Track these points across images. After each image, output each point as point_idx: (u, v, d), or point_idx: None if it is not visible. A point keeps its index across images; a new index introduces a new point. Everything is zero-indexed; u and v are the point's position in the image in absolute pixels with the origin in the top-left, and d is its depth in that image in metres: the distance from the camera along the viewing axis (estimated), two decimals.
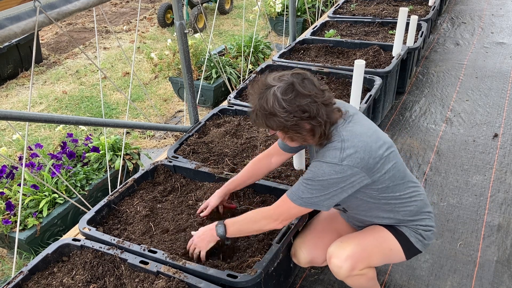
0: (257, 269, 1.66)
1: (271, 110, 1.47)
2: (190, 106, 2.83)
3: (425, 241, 1.76)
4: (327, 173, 1.51)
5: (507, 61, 4.55)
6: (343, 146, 1.51)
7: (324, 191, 1.54)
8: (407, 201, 1.69)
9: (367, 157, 1.51)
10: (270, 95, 1.47)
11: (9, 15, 1.73)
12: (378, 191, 1.61)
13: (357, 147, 1.51)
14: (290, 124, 1.48)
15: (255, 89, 1.53)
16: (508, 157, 3.10)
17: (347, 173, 1.50)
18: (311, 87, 1.48)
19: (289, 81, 1.48)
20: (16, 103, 4.77)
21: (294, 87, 1.46)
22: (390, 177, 1.60)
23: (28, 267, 1.81)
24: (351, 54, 3.69)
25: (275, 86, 1.47)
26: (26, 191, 2.61)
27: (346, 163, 1.49)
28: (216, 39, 6.25)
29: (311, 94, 1.46)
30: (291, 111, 1.45)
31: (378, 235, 1.75)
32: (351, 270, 1.69)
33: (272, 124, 1.50)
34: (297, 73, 1.51)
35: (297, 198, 1.58)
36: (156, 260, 1.76)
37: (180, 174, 2.39)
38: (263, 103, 1.48)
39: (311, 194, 1.55)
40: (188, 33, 2.58)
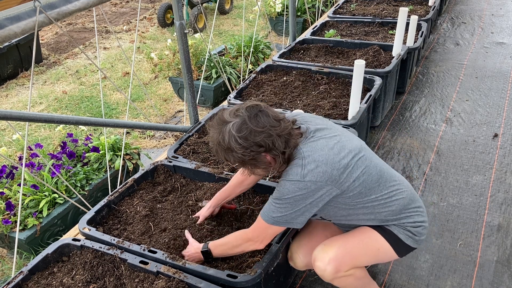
0: (257, 269, 1.66)
1: (228, 146, 1.50)
2: (190, 106, 2.83)
3: (416, 237, 1.73)
4: (292, 190, 1.53)
5: (507, 61, 4.55)
6: (304, 162, 1.53)
7: (293, 208, 1.56)
8: (386, 201, 1.67)
9: (329, 170, 1.53)
10: (226, 132, 1.50)
11: (9, 15, 1.73)
12: (351, 198, 1.61)
13: (318, 161, 1.53)
14: (248, 159, 1.52)
15: (213, 124, 1.57)
16: (508, 157, 3.10)
17: (311, 188, 1.52)
18: (265, 120, 1.50)
19: (242, 117, 1.50)
20: (16, 103, 4.77)
21: (247, 123, 1.48)
22: (361, 183, 1.59)
23: (28, 267, 1.81)
24: (351, 54, 3.69)
25: (230, 122, 1.50)
26: (26, 191, 2.61)
27: (308, 179, 1.51)
28: (216, 39, 6.25)
29: (264, 129, 1.48)
30: (247, 146, 1.48)
31: (364, 235, 1.74)
32: (335, 272, 1.69)
33: (231, 158, 1.54)
34: (251, 107, 1.53)
35: (269, 218, 1.60)
36: (156, 260, 1.76)
37: (180, 174, 2.39)
38: (220, 140, 1.52)
39: (281, 213, 1.57)
40: (188, 33, 2.58)
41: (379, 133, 3.49)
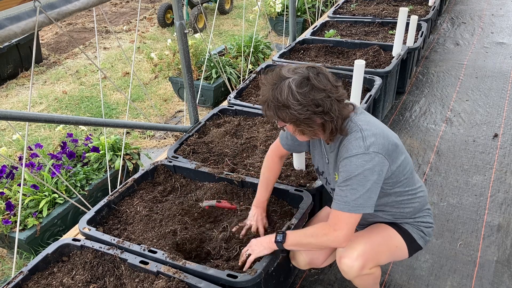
0: (257, 269, 1.66)
1: (284, 102, 1.45)
2: (190, 106, 2.83)
3: (426, 237, 1.78)
4: (360, 165, 1.49)
5: (507, 61, 4.55)
6: (364, 135, 1.52)
7: (364, 187, 1.50)
8: (413, 197, 1.70)
9: (386, 143, 1.53)
10: (285, 87, 1.45)
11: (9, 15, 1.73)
12: (392, 185, 1.62)
13: (376, 134, 1.52)
14: (302, 118, 1.46)
15: (268, 80, 1.51)
16: (508, 157, 3.10)
17: (376, 161, 1.50)
18: (325, 81, 1.47)
19: (304, 74, 1.46)
20: (16, 103, 4.77)
21: (310, 80, 1.45)
22: (402, 170, 1.61)
23: (28, 267, 1.81)
24: (351, 54, 3.69)
25: (290, 78, 1.46)
26: (26, 191, 2.61)
27: (372, 150, 1.50)
28: (216, 39, 6.25)
29: (325, 89, 1.46)
30: (305, 104, 1.44)
31: (385, 233, 1.76)
32: (361, 269, 1.68)
33: (284, 116, 1.49)
34: (312, 67, 1.50)
35: (343, 205, 1.53)
36: (156, 260, 1.76)
37: (180, 174, 2.39)
38: (276, 94, 1.46)
39: (354, 195, 1.51)
40: (188, 33, 2.58)
41: None
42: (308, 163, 2.35)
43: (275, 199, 2.12)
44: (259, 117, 2.86)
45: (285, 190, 2.09)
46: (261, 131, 2.69)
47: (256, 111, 2.88)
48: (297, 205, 2.01)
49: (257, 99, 3.10)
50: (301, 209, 1.96)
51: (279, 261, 1.80)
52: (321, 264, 1.93)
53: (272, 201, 2.11)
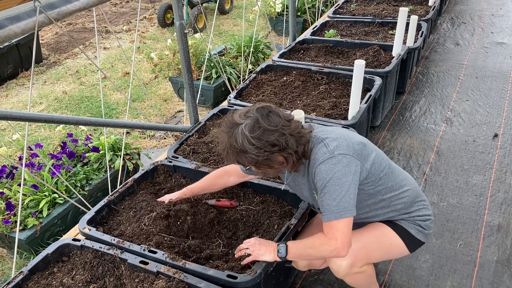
0: (256, 269, 1.66)
1: (241, 148, 1.49)
2: (190, 106, 2.83)
3: (426, 231, 1.77)
4: (329, 169, 1.52)
5: (507, 61, 4.55)
6: (326, 142, 1.57)
7: (341, 190, 1.52)
8: (399, 191, 1.71)
9: (351, 144, 1.57)
10: (239, 134, 1.49)
11: (9, 15, 1.73)
12: (373, 184, 1.63)
13: (337, 138, 1.58)
14: (261, 159, 1.50)
15: (223, 127, 1.55)
16: (508, 157, 3.10)
17: (344, 162, 1.53)
18: (277, 120, 1.50)
19: (254, 117, 1.49)
20: (16, 103, 4.77)
21: (260, 123, 1.48)
22: (378, 166, 1.63)
23: (28, 267, 1.81)
24: (351, 54, 3.69)
25: (242, 124, 1.49)
26: (26, 191, 2.61)
27: (337, 153, 1.53)
28: (216, 39, 6.25)
29: (277, 128, 1.49)
30: (261, 147, 1.48)
31: (377, 231, 1.76)
32: (350, 267, 1.69)
33: (244, 160, 1.53)
34: (261, 108, 1.53)
35: (329, 214, 1.54)
36: (156, 260, 1.76)
37: (180, 174, 2.39)
38: (232, 142, 1.50)
39: (334, 200, 1.52)
40: (188, 33, 2.58)
41: (379, 133, 3.49)
42: None
43: (275, 199, 2.13)
44: None
45: (285, 190, 2.09)
46: None
47: None
48: (297, 205, 2.01)
49: (257, 99, 3.10)
50: (301, 209, 1.96)
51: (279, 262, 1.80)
52: (320, 266, 1.94)
53: (272, 201, 2.11)
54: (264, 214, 2.04)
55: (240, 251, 1.73)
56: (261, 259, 1.68)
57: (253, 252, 1.69)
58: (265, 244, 1.70)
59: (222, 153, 1.58)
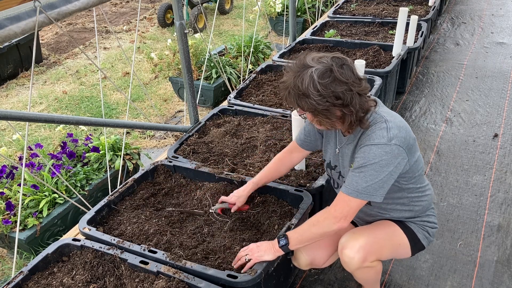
0: (257, 269, 1.66)
1: (304, 91, 1.45)
2: (190, 106, 2.83)
3: (430, 238, 1.79)
4: (378, 154, 1.50)
5: (507, 61, 4.55)
6: (388, 126, 1.52)
7: (378, 176, 1.51)
8: (422, 194, 1.72)
9: (408, 137, 1.54)
10: (307, 76, 1.44)
11: (9, 15, 1.73)
12: (407, 180, 1.63)
13: (400, 126, 1.53)
14: (321, 108, 1.46)
15: (292, 67, 1.51)
16: (508, 157, 3.10)
17: (395, 153, 1.51)
18: (349, 74, 1.46)
19: (328, 64, 1.45)
20: (16, 103, 4.77)
21: (332, 72, 1.44)
22: (417, 166, 1.63)
23: (28, 267, 1.81)
24: (351, 54, 3.69)
25: (313, 67, 1.45)
26: (26, 191, 2.61)
27: (394, 142, 1.50)
28: (216, 39, 6.25)
29: (348, 82, 1.44)
30: (325, 95, 1.44)
31: (389, 229, 1.76)
32: (362, 261, 1.68)
33: (303, 104, 1.49)
34: (337, 57, 1.48)
35: (353, 191, 1.54)
36: (156, 260, 1.76)
37: (180, 174, 2.39)
38: (297, 83, 1.46)
39: (366, 183, 1.52)
40: (188, 33, 2.58)
41: None
42: (308, 163, 2.35)
43: (275, 199, 2.12)
44: (259, 117, 2.86)
45: (285, 190, 2.09)
46: (261, 131, 2.69)
47: (256, 111, 2.88)
48: (297, 205, 2.01)
49: (258, 99, 3.10)
50: (301, 209, 1.96)
51: (279, 261, 1.80)
52: (322, 264, 1.93)
53: (272, 201, 2.11)
54: (264, 214, 2.04)
55: (239, 260, 1.72)
56: (262, 260, 1.68)
57: (252, 256, 1.69)
58: (263, 244, 1.70)
59: (283, 92, 1.53)
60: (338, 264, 2.31)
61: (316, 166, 2.34)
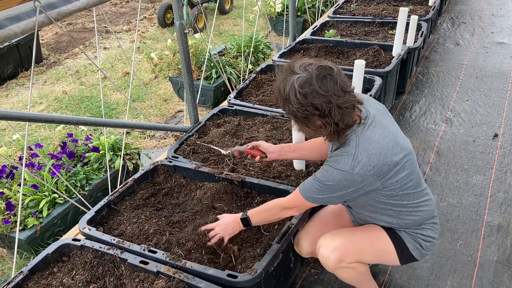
0: (257, 269, 1.66)
1: (286, 97, 1.49)
2: (190, 106, 2.83)
3: (423, 251, 1.74)
4: (337, 179, 1.54)
5: (507, 61, 4.55)
6: (356, 153, 1.51)
7: (334, 193, 1.57)
8: (413, 210, 1.67)
9: (380, 164, 1.50)
10: (289, 83, 1.48)
11: (9, 15, 1.73)
12: (387, 197, 1.61)
13: (371, 154, 1.50)
14: (300, 116, 1.50)
15: (283, 70, 1.55)
16: (508, 157, 3.10)
17: (357, 180, 1.52)
18: (330, 86, 1.45)
19: (310, 74, 1.46)
20: (16, 103, 4.77)
21: (312, 83, 1.45)
22: (401, 186, 1.58)
23: (28, 267, 1.81)
24: (351, 54, 3.69)
25: (297, 74, 1.48)
26: (26, 191, 2.61)
27: (356, 172, 1.50)
28: (216, 39, 6.25)
29: (327, 94, 1.44)
30: (303, 104, 1.46)
31: (372, 233, 1.75)
32: (338, 261, 1.70)
33: (286, 108, 1.54)
34: (323, 67, 1.48)
35: (308, 196, 1.63)
36: (156, 260, 1.76)
37: (180, 174, 2.39)
38: (281, 88, 1.51)
39: (321, 195, 1.60)
40: (188, 33, 2.58)
41: None
42: (308, 164, 2.35)
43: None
44: (259, 117, 2.86)
45: (285, 190, 2.09)
46: (261, 131, 2.69)
47: (256, 111, 2.88)
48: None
49: (257, 99, 3.10)
50: None
51: (279, 261, 1.80)
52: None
53: None
54: None
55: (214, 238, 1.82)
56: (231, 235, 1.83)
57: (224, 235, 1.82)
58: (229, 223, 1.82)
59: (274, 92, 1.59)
60: None
61: (316, 166, 2.34)
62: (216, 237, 1.81)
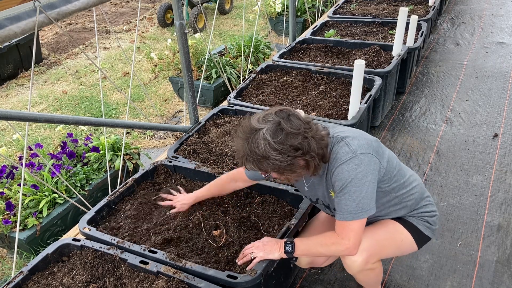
0: (257, 269, 1.66)
1: (263, 154, 1.43)
2: (190, 106, 2.83)
3: (433, 227, 1.80)
4: (352, 170, 1.51)
5: (507, 61, 4.55)
6: (346, 141, 1.55)
7: (362, 191, 1.52)
8: (410, 188, 1.72)
9: (369, 141, 1.57)
10: (260, 139, 1.43)
11: (9, 15, 1.73)
12: (389, 181, 1.64)
13: (356, 137, 1.56)
14: (284, 165, 1.46)
15: (240, 133, 1.50)
16: (508, 157, 3.10)
17: (366, 161, 1.52)
18: (298, 123, 1.46)
19: (275, 121, 1.44)
20: (16, 103, 4.77)
21: (282, 127, 1.43)
22: (391, 164, 1.64)
23: (28, 267, 1.81)
24: (351, 54, 3.69)
25: (263, 128, 1.44)
26: (26, 191, 2.61)
27: (360, 152, 1.52)
28: (216, 39, 6.25)
29: (299, 131, 1.45)
30: (284, 151, 1.43)
31: (389, 227, 1.77)
32: (365, 263, 1.69)
33: (266, 167, 1.48)
34: (280, 111, 1.48)
35: (347, 215, 1.54)
36: (156, 260, 1.76)
37: (180, 174, 2.39)
38: (253, 148, 1.44)
39: (354, 202, 1.52)
40: (188, 33, 2.58)
41: (379, 133, 3.49)
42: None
43: (275, 199, 2.13)
44: None
45: (285, 190, 2.09)
46: None
47: (256, 111, 2.88)
48: (297, 205, 2.01)
49: (257, 99, 3.10)
50: (301, 209, 1.96)
51: (279, 262, 1.80)
52: (322, 264, 1.94)
53: (272, 201, 2.11)
54: (264, 214, 2.04)
55: (245, 257, 1.72)
56: (267, 259, 1.68)
57: (258, 254, 1.69)
58: (269, 243, 1.71)
59: (240, 160, 1.52)
60: (338, 264, 2.31)
61: None
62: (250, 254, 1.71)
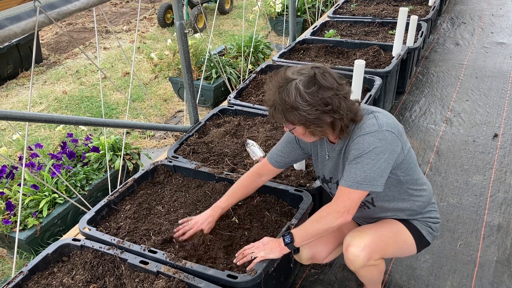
0: (257, 269, 1.66)
1: (293, 104, 1.45)
2: (190, 106, 2.83)
3: (435, 233, 1.81)
4: (372, 142, 1.51)
5: (507, 61, 4.55)
6: (376, 115, 1.56)
7: (375, 165, 1.51)
8: (421, 188, 1.72)
9: (396, 124, 1.57)
10: (292, 88, 1.44)
11: (9, 15, 1.73)
12: (404, 171, 1.63)
13: (387, 115, 1.58)
14: (312, 118, 1.47)
15: (274, 83, 1.51)
16: (508, 157, 3.11)
17: (389, 139, 1.51)
18: (332, 80, 1.47)
19: (310, 74, 1.46)
20: (16, 103, 4.77)
21: (316, 80, 1.45)
22: (410, 156, 1.64)
23: (28, 267, 1.81)
24: (351, 54, 3.69)
25: (296, 79, 1.46)
26: (26, 191, 2.61)
27: (385, 128, 1.52)
28: (216, 39, 6.25)
29: (333, 87, 1.46)
30: (314, 104, 1.44)
31: (394, 227, 1.77)
32: (367, 259, 1.69)
33: (293, 118, 1.49)
34: (317, 67, 1.50)
35: (353, 182, 1.53)
36: (156, 260, 1.76)
37: (180, 174, 2.39)
38: (284, 97, 1.46)
39: (364, 173, 1.52)
40: (188, 33, 2.58)
41: None
42: (308, 163, 2.35)
43: (275, 199, 2.13)
44: (259, 117, 2.86)
45: (285, 190, 2.09)
46: (261, 131, 2.69)
47: (256, 111, 2.88)
48: (297, 205, 2.01)
49: (257, 99, 3.10)
50: (301, 209, 1.96)
51: (279, 261, 1.80)
52: (323, 260, 1.93)
53: (272, 201, 2.11)
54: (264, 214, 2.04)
55: (244, 257, 1.71)
56: (268, 258, 1.68)
57: (258, 254, 1.69)
58: (269, 243, 1.71)
59: (269, 109, 1.53)
60: (338, 263, 2.31)
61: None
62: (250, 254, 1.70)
